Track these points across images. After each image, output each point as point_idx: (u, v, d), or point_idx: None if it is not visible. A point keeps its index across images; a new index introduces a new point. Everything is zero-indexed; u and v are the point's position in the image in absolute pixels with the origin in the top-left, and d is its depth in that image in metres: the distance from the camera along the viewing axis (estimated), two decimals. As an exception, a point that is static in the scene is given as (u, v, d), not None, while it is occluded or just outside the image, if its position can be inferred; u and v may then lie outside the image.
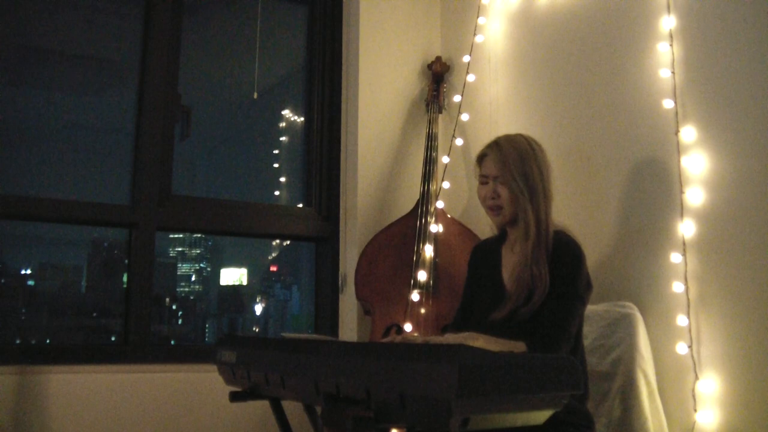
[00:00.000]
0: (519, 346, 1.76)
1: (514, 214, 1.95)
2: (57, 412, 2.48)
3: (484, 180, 2.00)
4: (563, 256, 1.87)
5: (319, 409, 1.74)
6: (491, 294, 1.97)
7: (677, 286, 2.17)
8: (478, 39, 3.10)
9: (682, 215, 2.18)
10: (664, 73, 2.29)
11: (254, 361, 1.69)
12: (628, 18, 2.47)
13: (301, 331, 3.39)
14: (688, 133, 2.21)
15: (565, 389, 1.26)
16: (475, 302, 2.06)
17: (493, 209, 1.99)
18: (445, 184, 2.96)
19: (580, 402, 1.88)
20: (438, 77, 3.20)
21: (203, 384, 2.70)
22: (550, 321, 1.80)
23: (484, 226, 2.87)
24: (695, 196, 2.17)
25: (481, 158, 2.02)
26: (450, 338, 1.83)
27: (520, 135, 2.03)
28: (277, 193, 3.45)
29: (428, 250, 2.78)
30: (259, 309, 3.56)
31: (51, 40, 2.95)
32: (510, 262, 1.98)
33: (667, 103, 2.27)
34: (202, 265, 3.66)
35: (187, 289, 3.68)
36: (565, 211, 2.59)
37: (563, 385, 1.25)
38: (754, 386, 1.97)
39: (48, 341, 2.93)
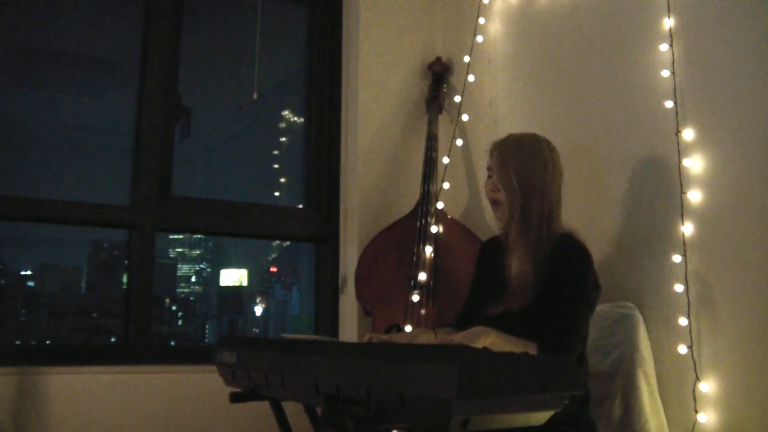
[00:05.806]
0: (530, 346, 1.73)
1: (509, 211, 1.95)
2: (57, 412, 2.48)
3: (489, 173, 2.03)
4: (569, 259, 1.87)
5: (319, 410, 1.74)
6: (494, 291, 1.98)
7: (678, 287, 2.16)
8: (479, 39, 3.10)
9: (682, 216, 2.18)
10: (665, 74, 2.29)
11: (254, 362, 1.69)
12: (628, 18, 2.47)
13: (302, 332, 3.38)
14: (689, 134, 2.20)
15: (565, 390, 1.26)
16: (478, 298, 2.06)
17: (492, 203, 2.01)
18: (446, 185, 2.96)
19: (583, 407, 1.87)
20: (438, 77, 3.20)
21: (203, 385, 2.69)
22: (562, 325, 1.78)
23: (484, 227, 2.87)
24: (696, 196, 2.16)
25: (490, 151, 2.05)
26: (464, 332, 1.76)
27: (533, 134, 2.04)
28: (277, 193, 3.45)
29: (428, 251, 2.78)
30: (259, 310, 3.56)
31: (51, 40, 2.95)
32: (513, 260, 1.99)
33: (668, 104, 2.26)
34: (202, 265, 3.66)
35: (187, 290, 3.68)
36: (566, 211, 2.58)
37: (563, 385, 1.25)
38: (754, 387, 1.97)
39: (48, 342, 2.93)
